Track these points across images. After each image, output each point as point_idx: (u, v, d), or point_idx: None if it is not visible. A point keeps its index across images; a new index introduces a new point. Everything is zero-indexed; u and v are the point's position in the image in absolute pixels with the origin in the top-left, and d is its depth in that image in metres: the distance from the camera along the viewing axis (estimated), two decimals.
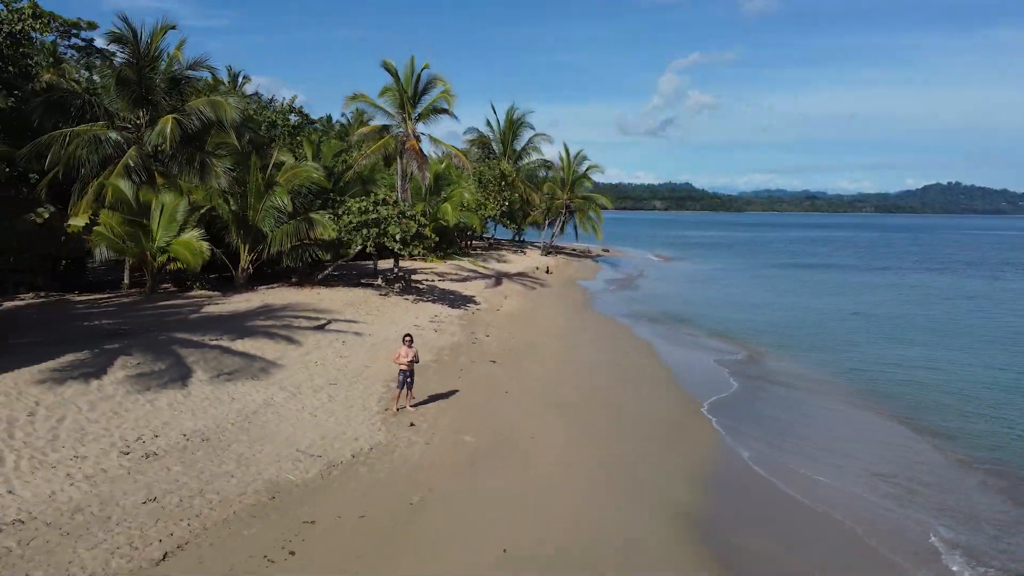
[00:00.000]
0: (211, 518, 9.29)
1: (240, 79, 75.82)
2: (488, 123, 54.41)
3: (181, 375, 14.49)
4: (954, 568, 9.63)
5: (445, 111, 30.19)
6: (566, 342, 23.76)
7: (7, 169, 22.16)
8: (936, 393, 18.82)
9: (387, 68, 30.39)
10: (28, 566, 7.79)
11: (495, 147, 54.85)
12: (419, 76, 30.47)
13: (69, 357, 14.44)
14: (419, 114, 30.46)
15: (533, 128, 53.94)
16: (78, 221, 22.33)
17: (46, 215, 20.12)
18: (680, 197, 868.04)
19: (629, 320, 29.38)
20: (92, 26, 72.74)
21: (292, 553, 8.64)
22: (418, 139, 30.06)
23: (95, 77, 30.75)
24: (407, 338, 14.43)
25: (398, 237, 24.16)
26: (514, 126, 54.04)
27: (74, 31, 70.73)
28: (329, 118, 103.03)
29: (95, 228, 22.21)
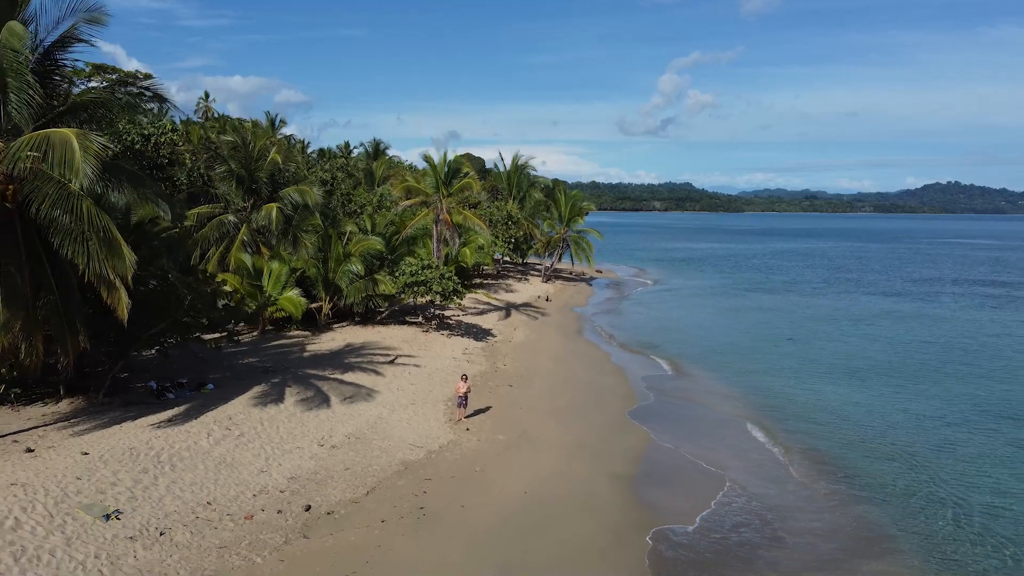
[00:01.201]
0: (379, 477, 18.49)
1: (277, 122, 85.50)
2: (496, 167, 63.87)
3: (324, 399, 23.69)
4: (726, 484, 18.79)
5: (469, 188, 39.41)
6: (560, 366, 32.95)
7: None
8: (809, 411, 27.96)
9: (427, 160, 39.89)
10: (302, 500, 16.94)
11: (502, 189, 64.30)
12: (450, 165, 39.88)
13: (257, 389, 23.70)
14: (450, 193, 39.79)
15: (535, 170, 63.46)
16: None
17: (221, 279, 29.15)
18: (680, 198, 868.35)
19: (609, 347, 38.62)
20: (148, 76, 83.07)
21: (425, 492, 17.82)
22: (449, 214, 39.40)
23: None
24: (464, 376, 23.74)
25: (439, 292, 33.47)
26: (519, 171, 63.61)
27: (130, 80, 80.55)
28: (347, 145, 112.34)
29: (225, 287, 31.42)
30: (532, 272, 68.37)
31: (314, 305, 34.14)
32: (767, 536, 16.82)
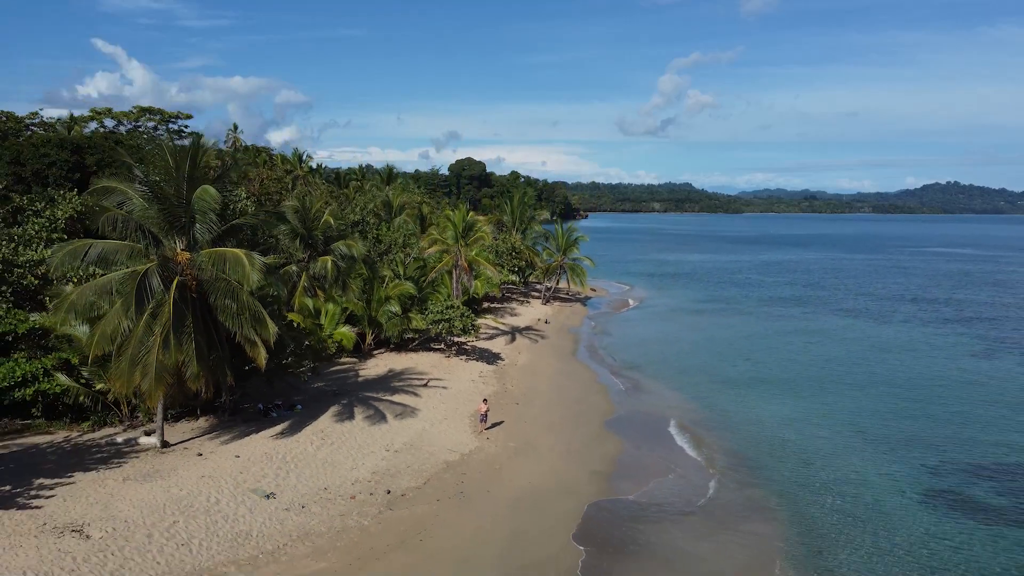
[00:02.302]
0: (431, 472, 27.22)
1: (304, 157, 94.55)
2: (502, 207, 72.75)
3: (382, 416, 32.40)
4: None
5: (483, 240, 48.18)
6: (556, 385, 41.64)
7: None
8: (740, 421, 36.61)
9: (449, 219, 48.57)
10: (383, 486, 25.66)
11: (507, 222, 73.26)
12: (468, 221, 48.75)
13: (334, 408, 32.46)
14: (467, 244, 48.57)
15: (536, 206, 72.10)
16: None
17: (291, 319, 37.78)
18: (679, 199, 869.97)
19: (595, 367, 47.30)
20: (187, 116, 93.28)
21: (462, 482, 26.54)
22: (468, 263, 48.20)
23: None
24: (484, 400, 32.50)
25: (460, 328, 42.20)
26: (522, 207, 72.51)
27: (172, 120, 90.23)
28: (362, 169, 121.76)
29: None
30: (533, 293, 77.12)
31: (355, 330, 42.80)
32: (680, 504, 25.54)
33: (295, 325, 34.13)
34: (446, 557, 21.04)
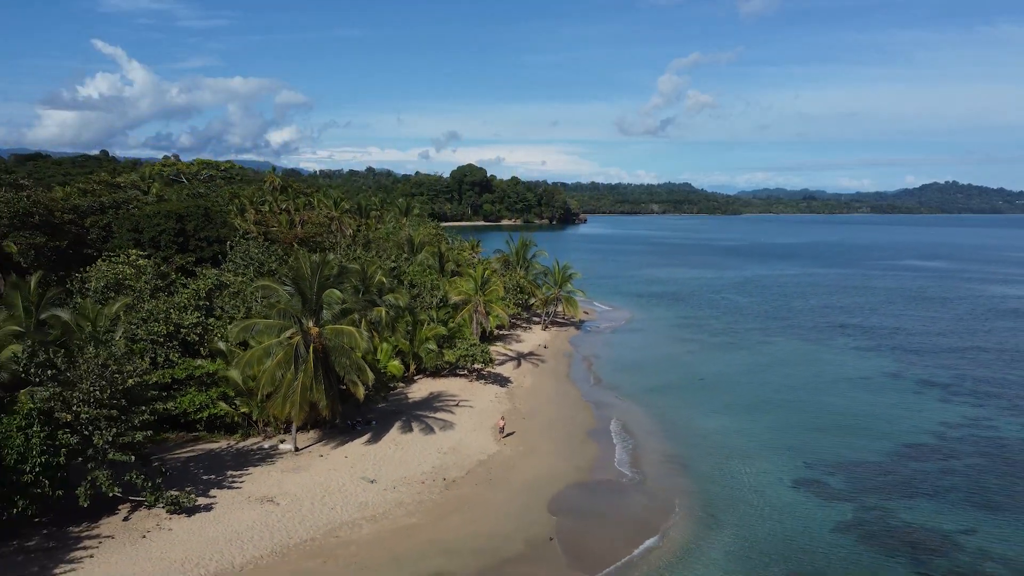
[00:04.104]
0: (469, 467, 41.61)
1: (339, 202, 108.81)
2: (508, 245, 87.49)
3: (431, 429, 46.80)
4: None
5: (496, 291, 62.78)
6: (553, 404, 55.93)
7: None
8: (688, 432, 50.90)
9: (471, 275, 63.05)
10: (441, 476, 40.04)
11: (512, 261, 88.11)
12: (485, 277, 63.12)
13: (397, 423, 46.94)
14: (484, 294, 62.93)
15: (536, 245, 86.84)
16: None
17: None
18: (678, 200, 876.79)
19: (582, 386, 61.62)
20: (231, 166, 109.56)
21: (490, 472, 40.93)
22: (487, 308, 62.57)
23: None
24: (502, 416, 46.96)
25: (480, 360, 56.58)
26: (524, 248, 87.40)
27: (224, 169, 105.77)
28: (380, 202, 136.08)
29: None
30: (534, 318, 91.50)
31: (402, 362, 57.11)
32: (626, 487, 39.85)
33: (374, 365, 48.50)
34: (484, 517, 35.46)
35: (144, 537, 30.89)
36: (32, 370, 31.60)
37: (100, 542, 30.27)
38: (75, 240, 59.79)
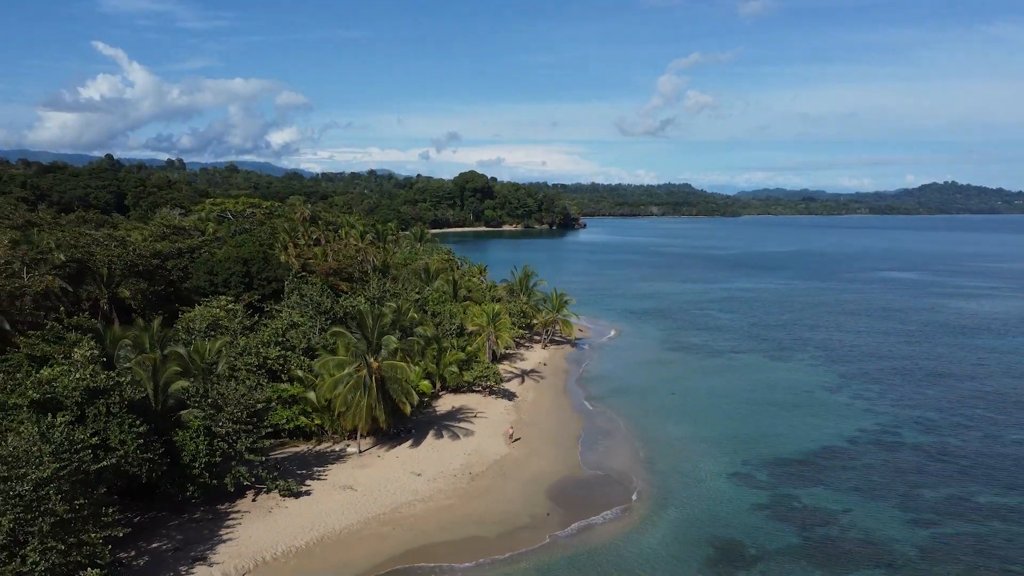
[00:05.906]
0: (488, 464, 55.91)
1: (372, 234, 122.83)
2: (512, 273, 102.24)
3: (456, 436, 61.12)
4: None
5: (504, 322, 77.14)
6: (552, 414, 70.17)
7: None
8: (668, 436, 65.14)
9: (485, 311, 77.48)
10: (467, 471, 54.37)
11: (516, 290, 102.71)
12: (496, 311, 77.49)
13: (431, 432, 61.35)
14: (495, 326, 77.18)
15: (536, 274, 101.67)
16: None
17: None
18: (677, 202, 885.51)
19: (576, 400, 75.86)
20: (269, 203, 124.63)
21: (504, 468, 55.25)
22: (498, 336, 76.86)
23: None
24: (511, 425, 61.30)
25: (492, 380, 70.85)
26: (527, 278, 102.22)
27: (265, 208, 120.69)
28: (396, 228, 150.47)
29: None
30: (535, 337, 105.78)
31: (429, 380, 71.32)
32: (601, 479, 54.07)
33: (415, 387, 62.80)
34: (501, 500, 49.73)
35: (270, 512, 45.27)
36: (195, 399, 45.96)
37: (241, 515, 44.64)
38: (167, 283, 74.15)
